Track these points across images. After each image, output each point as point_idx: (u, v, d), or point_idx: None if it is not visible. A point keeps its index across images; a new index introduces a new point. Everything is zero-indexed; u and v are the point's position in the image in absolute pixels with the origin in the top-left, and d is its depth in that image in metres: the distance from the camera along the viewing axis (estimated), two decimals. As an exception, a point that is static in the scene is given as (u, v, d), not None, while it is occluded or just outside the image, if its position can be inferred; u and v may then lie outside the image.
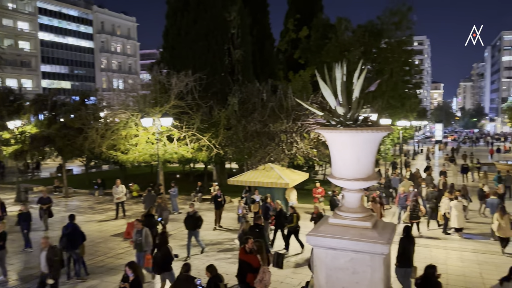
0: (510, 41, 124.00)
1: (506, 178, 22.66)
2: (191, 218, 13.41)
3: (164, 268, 9.76)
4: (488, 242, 14.51)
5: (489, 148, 52.48)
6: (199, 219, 13.44)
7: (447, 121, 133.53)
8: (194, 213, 13.48)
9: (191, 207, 13.80)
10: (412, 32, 31.71)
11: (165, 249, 9.85)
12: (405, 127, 38.69)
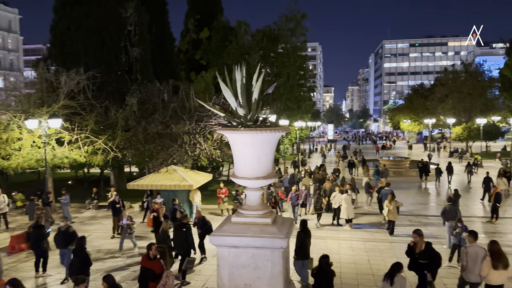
0: (390, 49, 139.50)
1: (383, 171, 25.93)
2: (62, 234, 11.23)
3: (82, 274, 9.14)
4: (374, 230, 16.11)
5: (375, 146, 58.64)
6: (73, 235, 11.14)
7: (338, 121, 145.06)
8: (67, 228, 11.43)
9: (62, 221, 11.71)
10: (306, 38, 33.83)
11: (84, 255, 9.49)
12: (301, 128, 41.03)
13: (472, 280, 8.44)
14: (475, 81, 49.15)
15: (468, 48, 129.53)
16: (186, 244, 11.34)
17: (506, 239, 14.74)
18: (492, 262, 7.96)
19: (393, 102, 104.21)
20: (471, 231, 9.26)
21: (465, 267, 8.43)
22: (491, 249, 8.13)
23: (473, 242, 8.63)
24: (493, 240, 8.41)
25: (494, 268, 7.92)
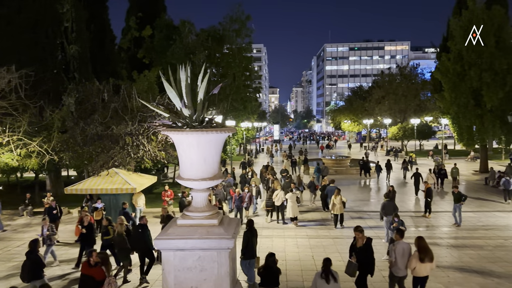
0: (331, 53, 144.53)
1: (323, 169, 27.28)
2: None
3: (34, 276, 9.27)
4: (318, 227, 16.61)
5: (320, 145, 60.69)
6: None
7: (283, 122, 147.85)
8: None
9: None
10: (251, 39, 34.09)
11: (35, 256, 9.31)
12: (247, 128, 41.29)
13: (400, 274, 9.04)
14: (409, 84, 52.38)
15: (403, 52, 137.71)
16: (144, 245, 11.28)
17: (438, 232, 15.85)
18: (419, 256, 8.60)
19: (334, 104, 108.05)
20: (398, 229, 9.88)
21: (393, 263, 8.98)
22: (418, 245, 8.76)
23: (399, 240, 9.22)
24: (420, 236, 9.04)
25: (421, 261, 8.56)
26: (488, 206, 20.17)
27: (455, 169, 24.77)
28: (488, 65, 27.28)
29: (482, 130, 29.33)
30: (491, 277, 10.89)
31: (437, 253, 13.01)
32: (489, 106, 27.86)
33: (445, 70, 29.73)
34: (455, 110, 29.97)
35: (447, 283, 10.51)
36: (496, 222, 17.08)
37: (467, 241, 14.33)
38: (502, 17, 27.66)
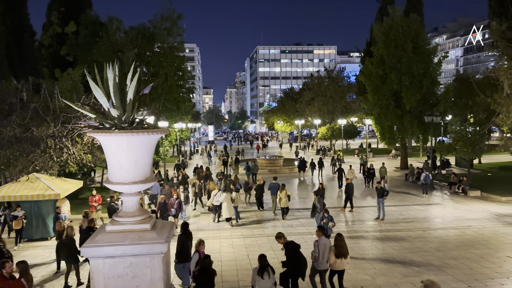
0: (264, 55, 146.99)
1: (253, 167, 28.39)
2: None
3: None
4: (253, 227, 16.80)
5: (256, 145, 61.83)
6: None
7: (218, 123, 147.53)
8: None
9: None
10: (183, 39, 33.56)
11: None
12: (181, 129, 40.59)
13: (321, 268, 9.61)
14: (337, 86, 55.03)
15: (330, 56, 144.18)
16: None
17: (364, 226, 16.79)
18: (334, 252, 9.33)
19: (267, 105, 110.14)
20: (319, 226, 10.43)
21: (317, 258, 9.52)
22: (336, 241, 9.49)
23: (321, 236, 9.78)
24: (339, 233, 9.75)
25: (336, 257, 9.30)
26: (408, 200, 21.79)
27: (383, 168, 26.28)
28: (406, 69, 29.49)
29: (402, 129, 31.61)
30: (412, 266, 11.77)
31: (364, 246, 13.80)
32: (408, 107, 30.11)
33: (369, 73, 31.62)
34: (377, 111, 31.98)
35: (373, 275, 11.17)
36: (415, 215, 18.50)
37: (390, 234, 15.35)
38: (418, 24, 30.07)
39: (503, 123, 20.37)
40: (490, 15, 26.69)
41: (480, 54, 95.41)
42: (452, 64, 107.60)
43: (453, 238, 14.56)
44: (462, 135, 25.04)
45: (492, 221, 16.84)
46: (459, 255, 12.59)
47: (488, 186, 23.44)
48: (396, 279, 10.74)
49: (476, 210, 19.09)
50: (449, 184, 24.52)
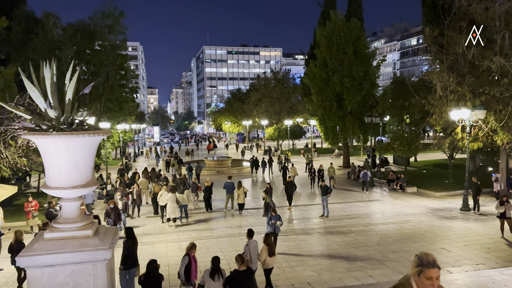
0: (210, 55, 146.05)
1: (197, 168, 28.75)
2: None
3: None
4: (201, 228, 16.63)
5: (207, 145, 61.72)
6: None
7: (164, 124, 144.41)
8: None
9: None
10: (126, 37, 32.49)
11: None
12: (124, 130, 39.25)
13: (253, 268, 9.81)
14: (283, 88, 56.05)
15: (276, 58, 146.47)
16: None
17: (310, 223, 17.24)
18: (269, 250, 9.82)
19: (215, 105, 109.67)
20: (249, 229, 10.55)
21: (249, 261, 9.68)
22: (268, 241, 9.99)
23: (250, 239, 10.11)
24: (267, 233, 10.38)
25: (269, 255, 9.80)
26: (351, 197, 22.69)
27: (331, 169, 26.91)
28: (348, 72, 30.69)
29: (344, 129, 32.86)
30: (355, 261, 12.27)
31: (310, 243, 14.17)
32: (349, 109, 31.36)
33: (313, 75, 32.53)
34: (321, 112, 33.00)
35: (319, 270, 11.51)
36: (357, 211, 19.31)
37: (334, 230, 15.90)
38: (359, 29, 31.41)
39: (436, 123, 21.79)
40: (423, 21, 28.48)
41: (415, 58, 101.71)
42: (390, 67, 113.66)
43: (392, 233, 15.37)
44: (399, 134, 26.53)
45: (428, 216, 17.99)
46: (398, 249, 13.30)
47: (424, 183, 25.02)
48: (341, 274, 11.14)
49: (413, 205, 20.30)
50: (387, 181, 25.87)
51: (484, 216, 17.45)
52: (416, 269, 3.09)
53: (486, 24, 18.87)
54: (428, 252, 3.12)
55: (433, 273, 3.03)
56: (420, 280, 3.06)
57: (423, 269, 3.04)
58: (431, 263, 3.05)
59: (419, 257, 3.13)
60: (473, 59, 17.89)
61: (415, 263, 3.13)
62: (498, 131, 18.93)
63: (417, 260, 3.12)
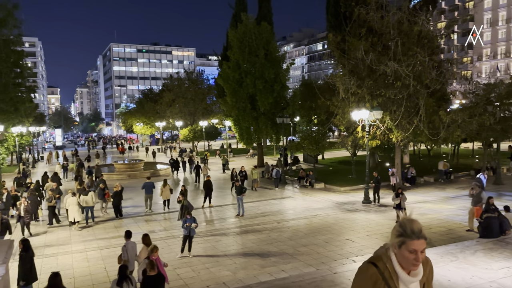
0: (118, 53, 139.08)
1: (97, 170, 27.88)
2: None
3: None
4: (110, 237, 15.75)
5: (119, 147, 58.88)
6: None
7: (67, 126, 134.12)
8: None
9: None
10: (21, 31, 29.59)
11: None
12: (21, 134, 35.68)
13: (130, 269, 9.84)
14: (197, 88, 55.59)
15: (190, 58, 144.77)
16: None
17: (226, 223, 17.32)
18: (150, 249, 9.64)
19: (125, 106, 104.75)
20: (126, 231, 10.62)
21: (126, 261, 9.81)
22: (145, 241, 10.03)
23: (128, 240, 10.29)
24: (145, 234, 10.45)
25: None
26: (265, 196, 23.30)
27: (254, 171, 26.97)
28: (260, 74, 31.47)
29: (258, 130, 33.64)
30: (269, 257, 12.62)
31: (225, 243, 14.25)
32: (262, 110, 32.19)
33: (226, 77, 32.78)
34: (236, 113, 33.40)
35: (234, 269, 11.61)
36: (271, 208, 19.90)
37: (249, 228, 16.19)
38: (269, 32, 32.38)
39: (340, 123, 23.39)
40: (328, 27, 30.43)
41: (321, 62, 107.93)
42: (299, 70, 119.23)
43: (303, 227, 16.11)
44: (308, 134, 27.94)
45: (334, 209, 19.20)
46: (308, 242, 13.98)
47: (330, 179, 26.65)
48: (255, 271, 11.37)
49: (321, 200, 21.50)
50: (298, 179, 27.08)
51: (384, 207, 19.13)
52: (397, 239, 2.54)
53: (382, 32, 20.71)
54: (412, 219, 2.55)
55: (418, 245, 2.49)
56: (401, 252, 2.54)
57: (405, 240, 2.49)
58: (415, 233, 2.49)
59: (401, 224, 2.55)
60: (371, 64, 19.51)
61: (396, 232, 2.56)
62: (393, 129, 20.91)
63: (399, 229, 2.55)
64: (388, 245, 2.65)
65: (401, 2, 20.98)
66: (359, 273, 2.67)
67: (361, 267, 2.68)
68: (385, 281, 2.58)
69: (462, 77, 26.67)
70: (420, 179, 25.78)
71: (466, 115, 19.85)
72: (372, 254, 2.73)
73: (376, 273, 2.59)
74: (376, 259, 2.66)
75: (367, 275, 2.61)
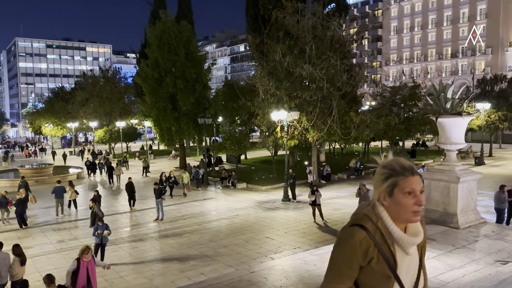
0: (25, 48, 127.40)
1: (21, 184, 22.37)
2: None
3: None
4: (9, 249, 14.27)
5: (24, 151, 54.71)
6: None
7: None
8: None
9: None
10: None
11: None
12: None
13: (3, 282, 9.29)
14: (113, 87, 52.86)
15: (106, 55, 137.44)
16: None
17: (144, 228, 16.66)
18: (21, 260, 9.39)
19: (33, 105, 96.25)
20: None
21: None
22: (17, 252, 9.48)
23: None
24: (16, 244, 9.82)
25: (22, 265, 9.41)
26: (186, 198, 22.82)
27: (185, 175, 25.84)
28: (180, 73, 30.85)
29: (180, 131, 32.96)
30: (188, 260, 12.37)
31: (142, 249, 13.69)
32: (184, 110, 31.60)
33: (145, 75, 31.62)
34: (156, 113, 32.38)
35: (151, 276, 11.19)
36: (192, 211, 19.58)
37: (169, 232, 15.75)
38: (189, 31, 31.87)
39: (261, 123, 23.82)
40: (248, 29, 30.80)
41: (243, 63, 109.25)
42: (222, 71, 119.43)
43: (224, 228, 16.09)
44: (230, 134, 28.03)
45: (255, 208, 19.47)
46: (229, 243, 13.98)
47: (252, 178, 27.03)
48: (174, 276, 11.06)
49: (243, 200, 21.69)
50: (221, 179, 27.06)
51: (301, 204, 19.83)
52: (385, 184, 1.93)
53: (298, 36, 21.48)
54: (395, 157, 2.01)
55: (415, 182, 1.91)
56: (394, 201, 1.91)
57: (397, 181, 1.91)
58: (408, 169, 1.93)
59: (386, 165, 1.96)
60: (288, 66, 20.14)
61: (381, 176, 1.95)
62: (310, 129, 21.80)
63: (384, 171, 1.95)
64: (373, 200, 2.00)
65: (316, 7, 21.95)
66: (342, 242, 1.97)
67: (344, 234, 1.98)
68: (378, 247, 1.90)
69: (371, 81, 28.68)
70: (335, 176, 27.23)
71: (374, 115, 21.37)
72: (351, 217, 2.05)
73: (366, 238, 1.90)
74: (362, 220, 1.96)
75: (354, 242, 1.90)
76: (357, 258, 1.92)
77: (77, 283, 8.14)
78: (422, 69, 72.37)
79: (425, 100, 22.54)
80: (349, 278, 1.97)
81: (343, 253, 1.95)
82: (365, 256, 1.92)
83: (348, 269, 1.96)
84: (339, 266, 1.97)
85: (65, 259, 12.80)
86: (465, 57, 65.94)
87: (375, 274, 1.94)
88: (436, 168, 11.95)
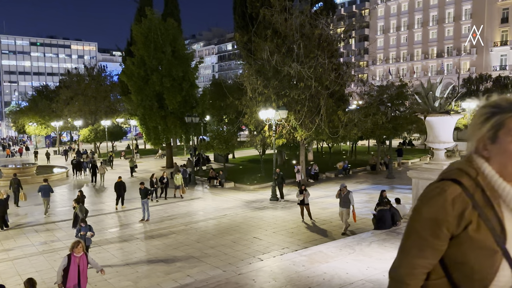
0: (8, 45, 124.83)
1: (13, 181, 21.90)
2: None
3: None
4: (-8, 252, 13.85)
5: (6, 150, 53.99)
6: None
7: None
8: None
9: None
10: None
11: None
12: None
13: None
14: (99, 85, 52.05)
15: (91, 53, 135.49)
16: None
17: (129, 229, 16.33)
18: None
19: (16, 104, 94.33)
20: None
21: None
22: None
23: None
24: None
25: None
26: (173, 198, 22.49)
27: (178, 176, 25.25)
28: (167, 71, 30.45)
29: (167, 130, 32.55)
30: (175, 262, 12.11)
31: (127, 251, 13.38)
32: (170, 108, 31.21)
33: (131, 73, 31.15)
34: (142, 112, 31.92)
35: (135, 279, 10.91)
36: (179, 211, 19.29)
37: (155, 233, 15.45)
38: (176, 29, 31.49)
39: (249, 122, 23.61)
40: (235, 28, 30.52)
41: (231, 62, 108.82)
42: (209, 69, 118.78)
43: (211, 228, 15.85)
44: (218, 133, 27.75)
45: (243, 208, 19.26)
46: (216, 244, 13.75)
47: (240, 178, 26.79)
48: (159, 279, 10.81)
49: (231, 199, 21.46)
50: (208, 179, 26.77)
51: (290, 203, 19.69)
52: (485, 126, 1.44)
53: (286, 34, 21.32)
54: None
55: None
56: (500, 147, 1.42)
57: (503, 119, 1.40)
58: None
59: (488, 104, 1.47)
60: (276, 65, 19.96)
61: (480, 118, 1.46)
62: (298, 128, 21.67)
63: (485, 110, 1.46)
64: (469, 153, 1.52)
65: (303, 6, 21.82)
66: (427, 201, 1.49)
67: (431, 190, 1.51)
68: (479, 210, 1.42)
69: (358, 80, 28.70)
70: (323, 175, 27.18)
71: (361, 114, 21.35)
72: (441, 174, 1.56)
73: (462, 196, 1.44)
74: (456, 174, 1.49)
75: (444, 200, 1.44)
76: (447, 223, 1.44)
77: (68, 281, 7.53)
78: (408, 68, 73.04)
79: (413, 99, 22.64)
80: (434, 251, 1.49)
81: (427, 215, 1.47)
82: (459, 220, 1.43)
83: (433, 237, 1.46)
84: (420, 233, 1.49)
85: (47, 261, 12.44)
86: (450, 57, 66.74)
87: (473, 247, 1.42)
88: (424, 167, 11.92)
